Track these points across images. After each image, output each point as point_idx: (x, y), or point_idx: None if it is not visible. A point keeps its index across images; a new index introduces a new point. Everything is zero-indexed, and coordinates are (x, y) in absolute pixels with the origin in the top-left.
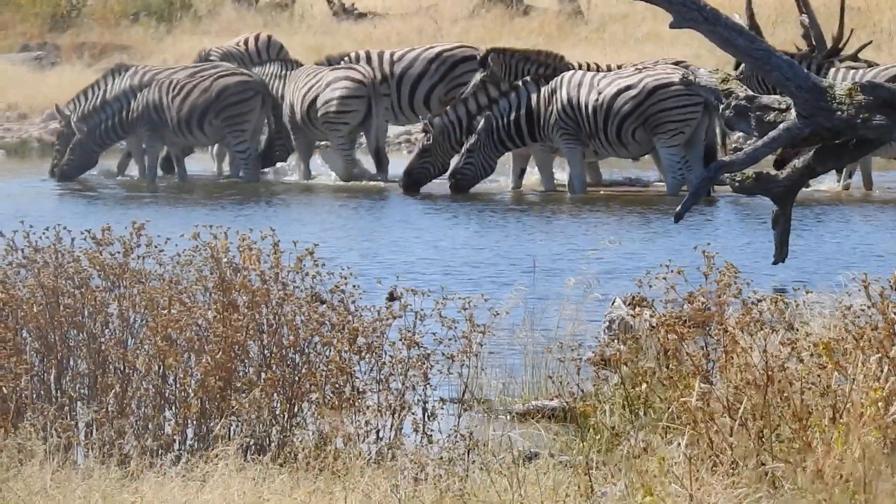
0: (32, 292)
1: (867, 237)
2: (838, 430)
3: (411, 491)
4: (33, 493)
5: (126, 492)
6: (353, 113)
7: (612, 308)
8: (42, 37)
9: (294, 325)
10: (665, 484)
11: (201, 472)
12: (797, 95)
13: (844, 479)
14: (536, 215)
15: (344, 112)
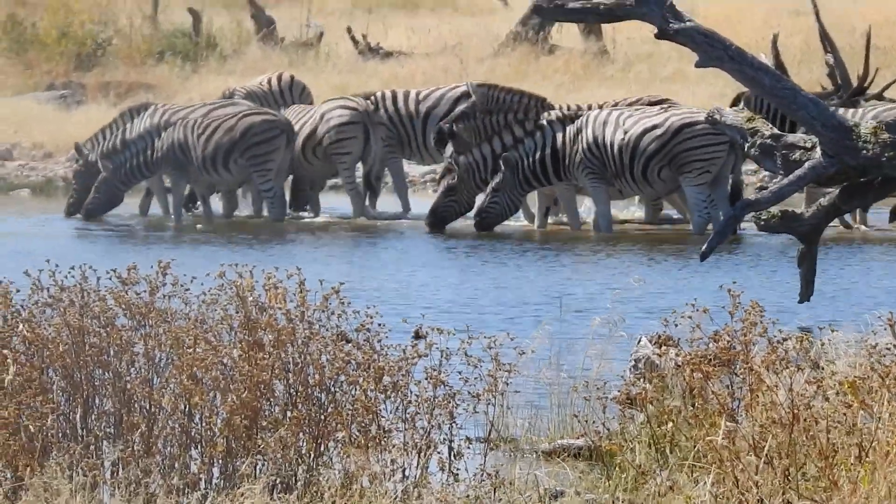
0: (58, 331)
1: (893, 276)
2: (864, 468)
3: None
4: None
5: None
6: (352, 140)
7: (637, 347)
8: (67, 76)
9: (320, 364)
10: None
11: None
12: (823, 134)
13: None
14: (562, 254)
15: (343, 140)
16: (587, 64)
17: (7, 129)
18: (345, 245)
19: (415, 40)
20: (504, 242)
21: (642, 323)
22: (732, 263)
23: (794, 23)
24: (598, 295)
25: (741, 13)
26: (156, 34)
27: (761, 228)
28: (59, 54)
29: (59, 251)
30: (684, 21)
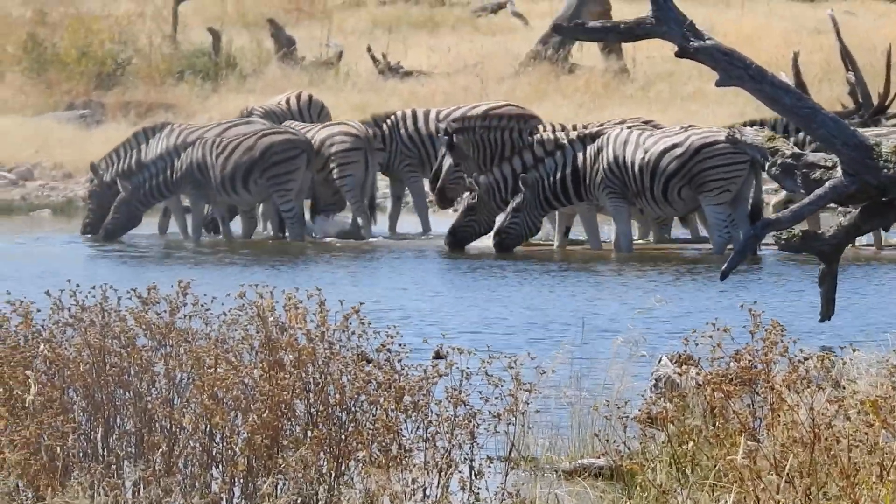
0: (79, 351)
1: None
2: (886, 487)
3: None
4: None
5: None
6: (354, 164)
7: (658, 366)
8: (87, 95)
9: (340, 383)
10: None
11: None
12: (843, 153)
13: None
14: (583, 274)
15: (346, 165)
16: (607, 83)
17: (27, 149)
18: (364, 265)
19: (435, 59)
20: (524, 262)
21: (663, 342)
22: (753, 283)
23: (814, 41)
24: (620, 314)
25: (761, 31)
26: (175, 54)
27: (782, 248)
28: (80, 74)
29: (79, 271)
30: (704, 39)
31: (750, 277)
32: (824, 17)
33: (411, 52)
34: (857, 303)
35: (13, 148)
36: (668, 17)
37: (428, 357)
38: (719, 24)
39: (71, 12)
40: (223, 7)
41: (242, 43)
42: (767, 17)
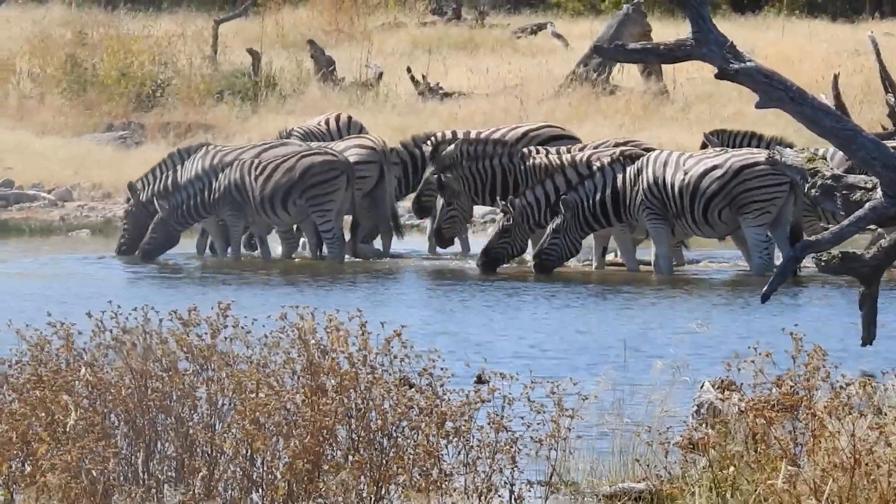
0: (121, 375)
1: None
2: None
3: None
4: None
5: None
6: (366, 179)
7: (700, 392)
8: (127, 116)
9: (382, 409)
10: None
11: None
12: (883, 175)
13: None
14: (622, 296)
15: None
16: (647, 104)
17: (66, 169)
18: (406, 286)
19: (474, 80)
20: (564, 285)
21: (705, 367)
22: (794, 305)
23: (854, 63)
24: (661, 338)
25: (802, 53)
26: (215, 74)
27: (822, 270)
28: (119, 95)
29: (119, 292)
30: (745, 61)
31: (791, 300)
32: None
33: (451, 74)
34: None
35: (52, 169)
36: (709, 39)
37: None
38: (759, 45)
39: (111, 33)
40: (263, 28)
41: (282, 64)
42: (808, 39)
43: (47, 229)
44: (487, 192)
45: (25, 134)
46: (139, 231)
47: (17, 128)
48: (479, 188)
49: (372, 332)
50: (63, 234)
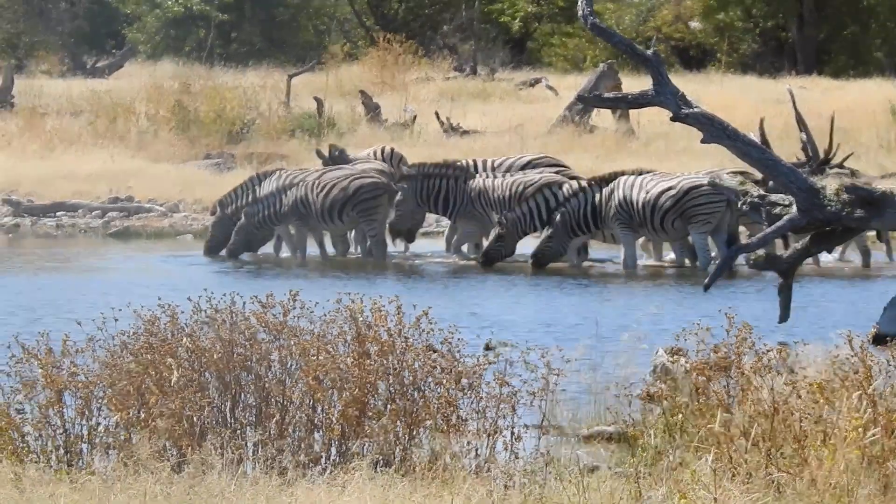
0: (213, 343)
1: (854, 303)
2: (828, 449)
3: (502, 495)
4: (213, 496)
5: (284, 495)
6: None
7: (656, 356)
8: (221, 147)
9: (413, 368)
10: (696, 490)
11: (342, 481)
12: (797, 194)
13: (833, 486)
14: (598, 286)
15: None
16: (618, 140)
17: (175, 188)
18: (433, 278)
19: (486, 122)
20: (552, 277)
21: (660, 338)
22: (729, 293)
23: (776, 109)
24: (626, 317)
25: (736, 102)
26: (288, 116)
27: (751, 266)
28: (215, 131)
29: (212, 282)
30: (692, 107)
31: (727, 289)
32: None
33: (468, 116)
34: (807, 308)
35: (165, 188)
36: (665, 90)
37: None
38: (704, 96)
39: (209, 84)
40: (326, 80)
41: (340, 108)
42: (741, 91)
43: (160, 234)
44: (435, 203)
45: (143, 161)
46: (223, 237)
47: (136, 156)
48: (430, 200)
49: (406, 312)
50: (171, 238)
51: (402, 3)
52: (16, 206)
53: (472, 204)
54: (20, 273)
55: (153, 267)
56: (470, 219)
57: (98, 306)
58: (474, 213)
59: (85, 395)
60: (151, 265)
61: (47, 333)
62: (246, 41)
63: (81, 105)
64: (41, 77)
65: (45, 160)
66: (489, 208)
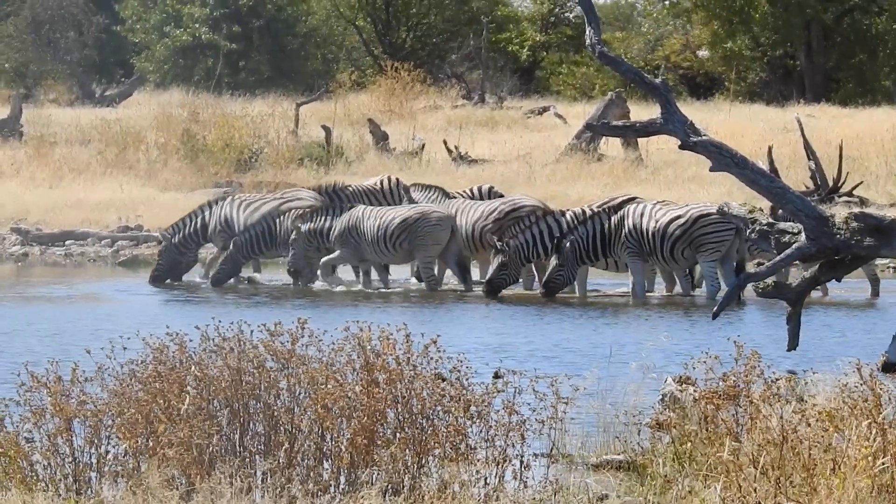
0: (221, 371)
1: (863, 332)
2: (838, 477)
3: None
4: None
5: None
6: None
7: (664, 385)
8: (229, 176)
9: (422, 397)
10: None
11: None
12: (806, 222)
13: None
14: (608, 314)
15: None
16: (626, 168)
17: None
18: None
19: (494, 150)
20: (564, 306)
21: (668, 367)
22: (737, 321)
23: (784, 137)
24: (636, 345)
25: (744, 130)
26: (297, 145)
27: (759, 295)
28: (224, 160)
29: (220, 310)
30: (701, 135)
31: (735, 317)
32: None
33: (476, 145)
34: (816, 337)
35: (174, 216)
36: (674, 119)
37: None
38: (712, 124)
39: (218, 113)
40: (334, 109)
41: (348, 137)
42: (749, 119)
43: None
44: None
45: (152, 190)
46: (170, 265)
47: (145, 185)
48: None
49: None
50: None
51: (410, 31)
52: (24, 234)
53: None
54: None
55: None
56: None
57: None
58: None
59: (94, 424)
60: (160, 293)
61: (56, 362)
62: (254, 70)
63: (90, 134)
64: (50, 106)
65: (54, 189)
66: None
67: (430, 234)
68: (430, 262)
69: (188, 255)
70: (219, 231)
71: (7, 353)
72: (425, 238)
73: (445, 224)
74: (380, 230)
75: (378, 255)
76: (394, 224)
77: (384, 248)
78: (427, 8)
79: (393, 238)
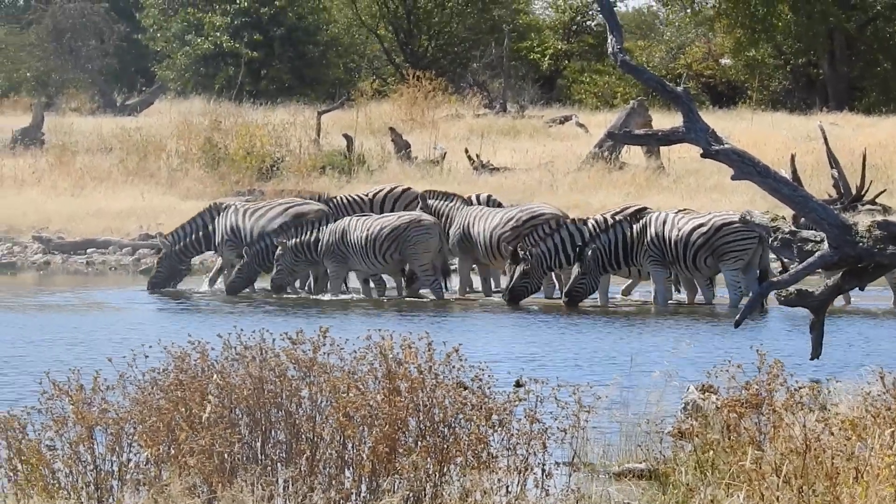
0: (243, 380)
1: (886, 340)
2: (861, 486)
3: None
4: None
5: None
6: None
7: (687, 393)
8: (251, 184)
9: (443, 405)
10: None
11: None
12: (829, 231)
13: None
14: (629, 323)
15: None
16: (648, 177)
17: None
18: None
19: (517, 158)
20: (585, 315)
21: (691, 375)
22: (760, 329)
23: (807, 146)
24: (658, 354)
25: (767, 138)
26: (318, 154)
27: (782, 303)
28: (245, 168)
29: (246, 319)
30: (723, 144)
31: (758, 326)
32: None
33: (498, 153)
34: (839, 345)
35: None
36: (696, 127)
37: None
38: (734, 132)
39: (239, 121)
40: (355, 118)
41: (370, 146)
42: (771, 127)
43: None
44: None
45: (173, 198)
46: (170, 272)
47: (167, 193)
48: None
49: (437, 349)
50: (202, 273)
51: (431, 40)
52: (46, 243)
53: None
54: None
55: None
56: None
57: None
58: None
59: (116, 432)
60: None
61: (78, 370)
62: (276, 78)
63: (111, 142)
64: (71, 115)
65: (76, 197)
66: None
67: (420, 243)
68: (427, 268)
69: (186, 263)
70: (226, 241)
71: (30, 362)
72: (416, 247)
73: (434, 231)
74: (368, 240)
75: (367, 266)
76: (382, 234)
77: (373, 259)
78: (449, 16)
79: (382, 248)
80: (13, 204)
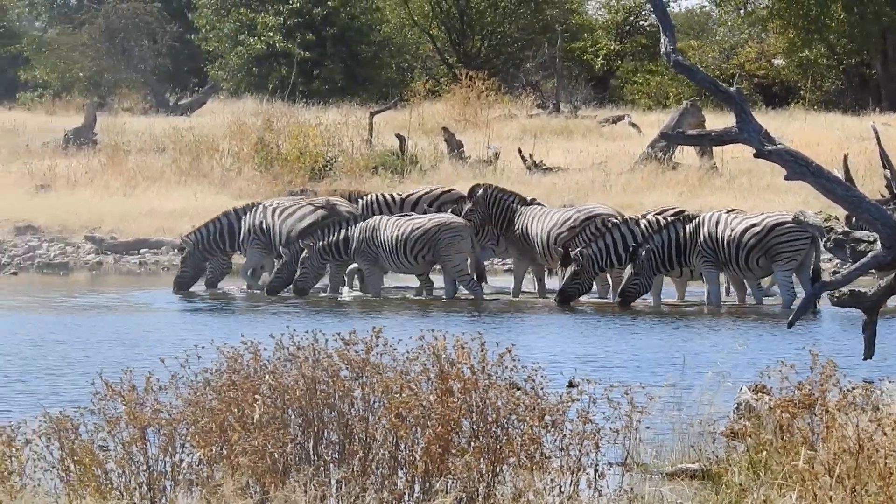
0: (296, 381)
1: None
2: None
3: None
4: None
5: None
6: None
7: (740, 394)
8: (304, 184)
9: (496, 406)
10: None
11: None
12: (882, 231)
13: None
14: (682, 323)
15: None
16: (701, 177)
17: None
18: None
19: (570, 159)
20: (639, 316)
21: (743, 375)
22: (813, 330)
23: (860, 146)
24: (710, 354)
25: (820, 138)
26: (371, 153)
27: (835, 304)
28: (298, 168)
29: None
30: (776, 144)
31: (811, 326)
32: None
33: (551, 153)
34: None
35: None
36: (749, 128)
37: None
38: (787, 133)
39: (292, 121)
40: (408, 118)
41: (423, 146)
42: (824, 128)
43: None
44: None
45: (226, 198)
46: (195, 272)
47: (219, 193)
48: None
49: (489, 349)
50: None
51: (484, 40)
52: (99, 243)
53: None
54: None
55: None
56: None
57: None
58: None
59: (168, 432)
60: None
61: (131, 370)
62: (328, 78)
63: (164, 142)
64: (124, 114)
65: (128, 197)
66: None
67: (452, 245)
68: (462, 269)
69: (213, 261)
70: (253, 239)
71: (82, 363)
72: (448, 248)
73: (465, 233)
74: (399, 241)
75: (397, 266)
76: (414, 235)
77: (403, 259)
78: (501, 17)
79: (414, 250)
80: (66, 204)
